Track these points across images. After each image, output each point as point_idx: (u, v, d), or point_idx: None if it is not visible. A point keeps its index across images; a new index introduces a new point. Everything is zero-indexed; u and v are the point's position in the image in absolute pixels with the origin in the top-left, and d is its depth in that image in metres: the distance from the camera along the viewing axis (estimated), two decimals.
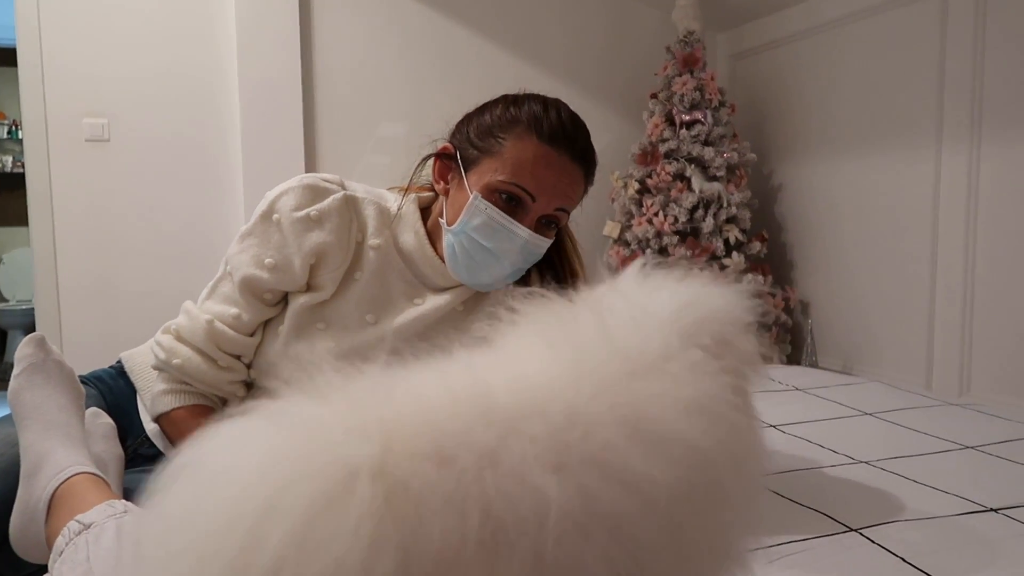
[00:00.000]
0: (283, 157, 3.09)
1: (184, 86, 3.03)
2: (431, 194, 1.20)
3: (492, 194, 1.05)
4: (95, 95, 2.92)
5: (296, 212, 1.08)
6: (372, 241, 1.12)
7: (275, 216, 1.09)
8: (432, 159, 1.15)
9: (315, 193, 1.09)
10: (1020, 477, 1.24)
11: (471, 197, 1.06)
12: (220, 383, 1.09)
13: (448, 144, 1.13)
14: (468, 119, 1.13)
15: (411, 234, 1.14)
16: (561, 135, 1.05)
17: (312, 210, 1.08)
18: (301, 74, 3.11)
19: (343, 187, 1.13)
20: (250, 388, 1.14)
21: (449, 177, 1.12)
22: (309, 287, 1.10)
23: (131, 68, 2.95)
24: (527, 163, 1.03)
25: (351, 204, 1.12)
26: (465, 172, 1.08)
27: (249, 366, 1.13)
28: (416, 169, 1.19)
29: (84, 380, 1.19)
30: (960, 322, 2.61)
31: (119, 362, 1.24)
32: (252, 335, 1.10)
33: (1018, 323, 2.44)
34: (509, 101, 1.11)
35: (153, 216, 3.01)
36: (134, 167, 2.98)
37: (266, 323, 1.12)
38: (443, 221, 1.11)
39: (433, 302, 1.13)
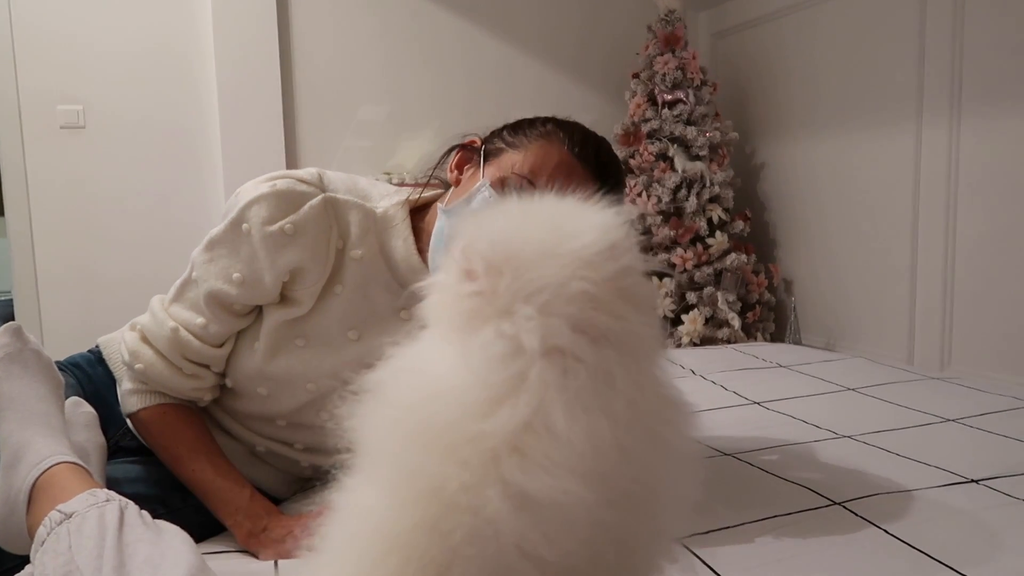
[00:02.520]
0: (262, 141, 3.05)
1: (161, 71, 2.98)
2: (428, 194, 1.11)
3: (501, 187, 0.98)
4: (69, 81, 2.87)
5: (268, 226, 0.98)
6: (353, 252, 1.03)
7: (245, 226, 0.99)
8: (456, 150, 1.07)
9: (290, 201, 0.99)
10: (1000, 448, 1.25)
11: (479, 182, 0.99)
12: (184, 390, 1.04)
13: (476, 138, 1.06)
14: (509, 123, 1.07)
15: (400, 241, 1.05)
16: (592, 155, 1.00)
17: (286, 223, 0.98)
18: (279, 56, 3.07)
19: (322, 187, 1.03)
20: (221, 389, 1.10)
21: (466, 168, 1.05)
22: (283, 299, 1.03)
23: (106, 53, 2.90)
24: (548, 166, 0.97)
25: (330, 208, 1.02)
26: (484, 163, 1.02)
27: (221, 373, 1.08)
28: (440, 160, 1.10)
29: (61, 367, 1.16)
30: (941, 297, 2.64)
31: (97, 347, 1.20)
32: (221, 347, 1.04)
33: (998, 297, 2.46)
34: (553, 119, 1.06)
35: (132, 203, 2.98)
36: (111, 154, 2.94)
37: (239, 333, 1.06)
38: (441, 206, 1.03)
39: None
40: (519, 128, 1.03)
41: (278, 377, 1.05)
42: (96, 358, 1.19)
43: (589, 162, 0.98)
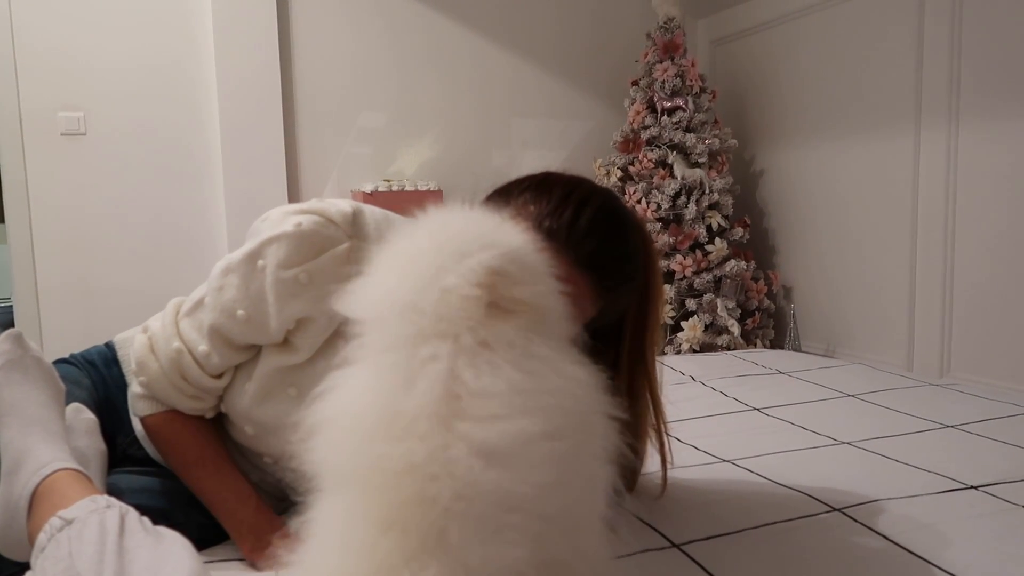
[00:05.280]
0: (263, 149, 3.06)
1: (161, 78, 2.99)
2: None
3: None
4: (70, 88, 2.88)
5: (283, 271, 0.93)
6: None
7: (260, 263, 0.95)
8: None
9: (312, 245, 0.94)
10: (999, 455, 1.25)
11: None
12: (184, 407, 1.02)
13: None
14: (497, 188, 0.96)
15: None
16: (565, 234, 0.87)
17: (302, 271, 0.93)
18: (280, 64, 3.08)
19: (351, 232, 0.96)
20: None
21: None
22: (285, 342, 0.99)
23: (107, 60, 2.91)
24: None
25: (356, 256, 0.94)
26: None
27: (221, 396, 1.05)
28: None
29: (75, 362, 1.16)
30: (940, 303, 2.64)
31: (113, 343, 1.18)
32: (219, 377, 1.01)
33: (997, 303, 2.47)
34: (537, 180, 0.93)
35: (132, 211, 2.98)
36: (111, 161, 2.95)
37: (236, 366, 1.03)
38: None
39: None
40: (498, 199, 0.94)
41: (265, 423, 1.02)
42: (112, 356, 1.17)
43: (559, 236, 0.87)
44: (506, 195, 0.92)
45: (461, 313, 0.64)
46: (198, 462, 1.02)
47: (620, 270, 0.93)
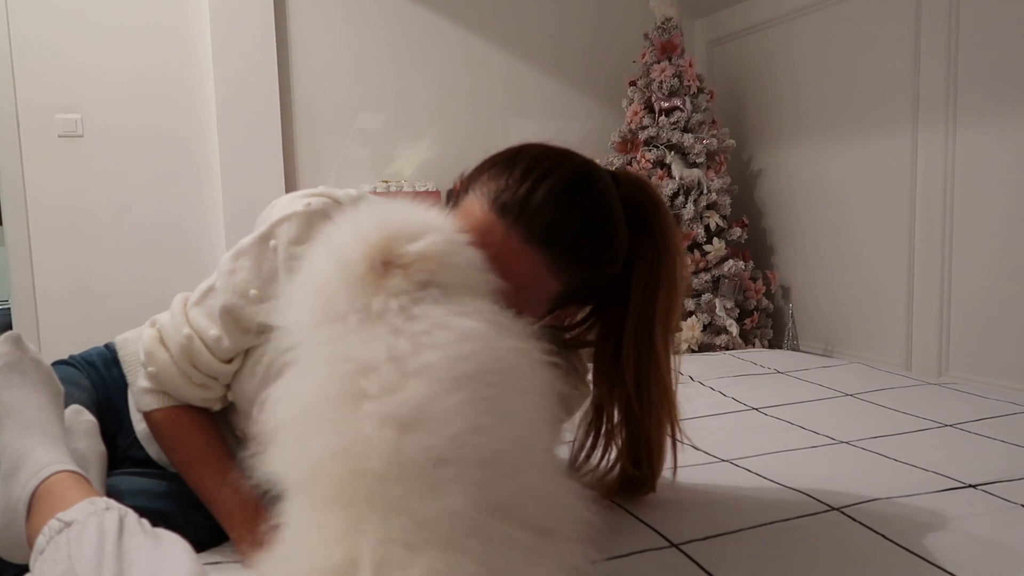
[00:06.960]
0: (261, 151, 3.06)
1: (159, 79, 2.99)
2: None
3: None
4: (68, 89, 2.87)
5: (295, 247, 0.96)
6: None
7: (272, 243, 0.98)
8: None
9: (321, 224, 0.95)
10: (997, 453, 1.26)
11: None
12: (193, 398, 1.02)
13: (459, 182, 0.99)
14: (482, 162, 0.97)
15: None
16: (518, 208, 0.86)
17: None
18: (277, 66, 3.08)
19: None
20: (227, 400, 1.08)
21: None
22: None
23: (104, 61, 2.91)
24: (469, 225, 0.86)
25: None
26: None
27: (229, 385, 1.06)
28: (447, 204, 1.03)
29: (74, 363, 1.16)
30: (939, 303, 2.64)
31: (113, 344, 1.18)
32: (230, 362, 1.02)
33: (995, 302, 2.47)
34: (508, 155, 0.93)
35: (130, 213, 2.98)
36: (109, 163, 2.94)
37: (246, 351, 1.03)
38: None
39: None
40: (474, 173, 0.94)
41: None
42: (112, 357, 1.17)
43: (512, 211, 0.86)
44: (479, 170, 0.94)
45: (355, 282, 0.69)
46: (201, 460, 1.02)
47: (583, 243, 0.91)
